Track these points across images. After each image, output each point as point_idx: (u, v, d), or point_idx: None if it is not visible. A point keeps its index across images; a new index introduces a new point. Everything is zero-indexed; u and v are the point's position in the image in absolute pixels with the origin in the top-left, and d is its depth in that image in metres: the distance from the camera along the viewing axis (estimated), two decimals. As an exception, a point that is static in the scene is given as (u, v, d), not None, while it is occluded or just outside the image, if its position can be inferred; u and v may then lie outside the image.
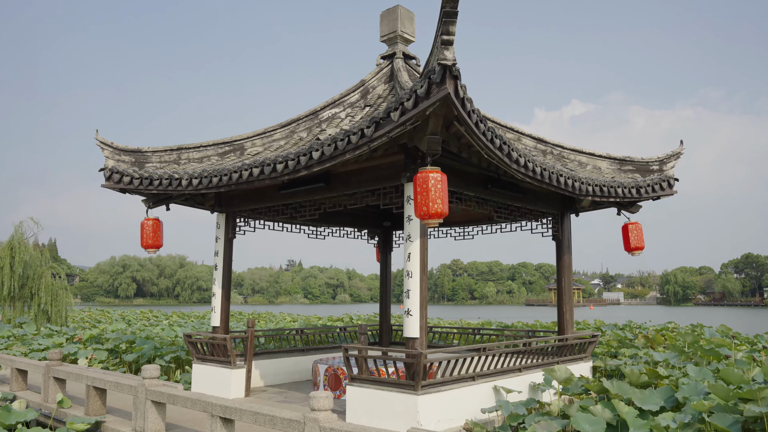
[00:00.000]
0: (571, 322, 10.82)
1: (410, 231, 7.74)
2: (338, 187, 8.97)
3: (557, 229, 10.98)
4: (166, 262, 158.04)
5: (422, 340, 7.50)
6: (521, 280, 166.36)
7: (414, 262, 7.65)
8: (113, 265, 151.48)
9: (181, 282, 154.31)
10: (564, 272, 11.00)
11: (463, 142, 7.25)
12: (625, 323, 19.18)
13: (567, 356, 10.30)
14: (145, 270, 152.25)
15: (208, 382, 10.18)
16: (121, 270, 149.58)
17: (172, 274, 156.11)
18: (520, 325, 20.93)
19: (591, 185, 9.64)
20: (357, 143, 7.16)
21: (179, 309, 62.74)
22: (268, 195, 10.07)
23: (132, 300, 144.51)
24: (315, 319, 34.64)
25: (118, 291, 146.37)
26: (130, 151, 10.63)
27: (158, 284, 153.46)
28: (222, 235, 10.73)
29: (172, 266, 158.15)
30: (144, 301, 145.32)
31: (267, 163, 8.41)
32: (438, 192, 6.53)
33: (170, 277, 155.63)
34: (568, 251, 11.10)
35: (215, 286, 10.71)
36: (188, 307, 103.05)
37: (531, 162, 8.10)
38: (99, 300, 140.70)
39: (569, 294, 10.93)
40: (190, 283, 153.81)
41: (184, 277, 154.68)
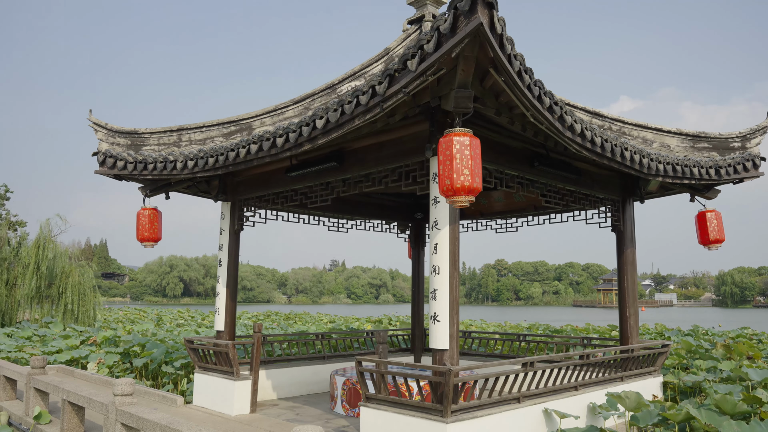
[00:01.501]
0: (636, 328, 9.06)
1: (437, 216, 6.22)
2: (353, 166, 7.52)
3: (618, 218, 9.24)
4: (212, 262, 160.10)
5: (453, 353, 5.97)
6: (568, 280, 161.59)
7: (442, 254, 6.13)
8: (161, 265, 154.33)
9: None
10: (626, 269, 9.25)
11: (502, 101, 5.68)
12: (691, 328, 17.11)
13: (632, 370, 8.56)
14: (191, 270, 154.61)
15: (210, 395, 8.88)
16: (169, 270, 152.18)
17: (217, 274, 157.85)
18: (569, 329, 19.03)
19: (662, 163, 7.91)
20: (367, 104, 5.68)
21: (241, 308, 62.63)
22: (276, 179, 8.70)
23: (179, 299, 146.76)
24: (353, 320, 33.33)
25: (166, 290, 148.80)
26: (126, 132, 9.42)
27: (204, 284, 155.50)
28: (227, 227, 9.42)
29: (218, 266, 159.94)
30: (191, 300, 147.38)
31: (266, 137, 7.02)
32: (466, 160, 4.98)
33: (215, 276, 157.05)
34: (632, 245, 9.35)
35: (219, 284, 9.40)
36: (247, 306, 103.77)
37: (589, 130, 6.46)
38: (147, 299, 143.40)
39: (633, 295, 9.18)
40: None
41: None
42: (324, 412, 8.56)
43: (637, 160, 7.36)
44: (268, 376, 9.71)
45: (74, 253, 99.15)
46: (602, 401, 7.57)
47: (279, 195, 8.72)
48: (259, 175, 9.03)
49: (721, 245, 9.29)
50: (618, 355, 8.12)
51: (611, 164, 7.13)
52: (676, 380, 9.02)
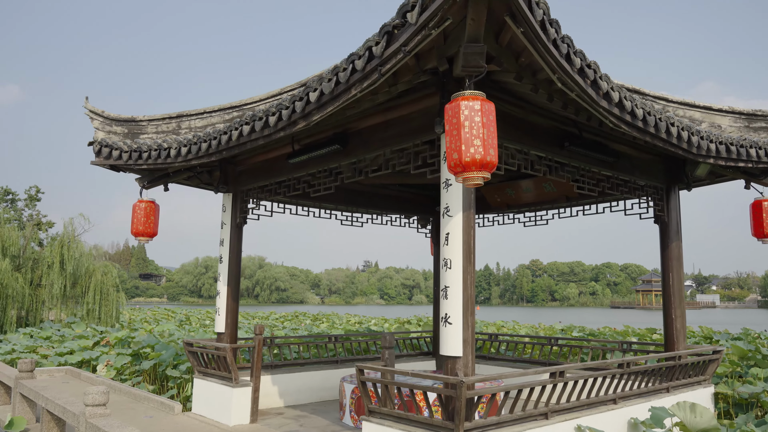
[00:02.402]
0: (683, 332, 8.01)
1: (448, 201, 5.35)
2: (357, 149, 6.70)
3: (661, 207, 8.20)
4: (246, 263, 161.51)
5: (467, 361, 5.09)
6: (605, 281, 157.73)
7: (454, 246, 5.25)
8: (196, 266, 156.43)
9: (260, 282, 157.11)
10: (671, 265, 8.21)
11: (523, 63, 4.79)
12: (741, 331, 15.76)
13: (680, 380, 7.52)
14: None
15: (209, 402, 8.16)
16: (204, 270, 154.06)
17: (252, 274, 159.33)
18: (607, 331, 17.83)
19: (714, 142, 6.87)
20: (364, 69, 4.85)
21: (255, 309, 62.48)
22: (278, 168, 7.94)
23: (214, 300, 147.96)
24: (382, 321, 32.52)
25: (202, 291, 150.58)
26: (123, 120, 8.80)
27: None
28: (228, 220, 8.70)
29: (252, 267, 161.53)
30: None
31: (258, 117, 6.26)
32: (476, 128, 4.10)
33: (250, 277, 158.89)
34: (677, 238, 8.29)
35: (220, 282, 8.69)
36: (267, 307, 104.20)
37: (629, 100, 5.50)
38: (184, 300, 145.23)
39: (680, 295, 8.13)
40: (269, 283, 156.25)
41: (263, 278, 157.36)
42: (331, 423, 7.76)
43: (686, 138, 6.35)
44: (275, 381, 8.97)
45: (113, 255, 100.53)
46: (645, 416, 6.58)
47: (281, 184, 7.95)
48: (261, 164, 8.29)
49: (779, 238, 8.18)
50: (663, 363, 7.09)
51: (655, 142, 6.15)
52: (729, 391, 7.94)
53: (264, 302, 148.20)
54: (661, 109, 8.18)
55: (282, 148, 7.74)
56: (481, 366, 10.40)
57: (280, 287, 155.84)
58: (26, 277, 22.12)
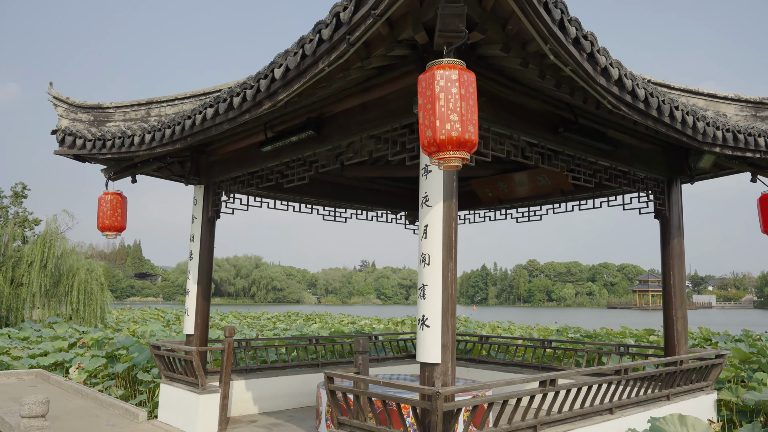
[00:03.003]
0: (685, 335, 7.46)
1: (427, 190, 4.80)
2: (333, 135, 6.14)
3: (662, 201, 7.66)
4: (243, 263, 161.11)
5: (446, 369, 4.54)
6: (602, 281, 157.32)
7: (433, 239, 4.70)
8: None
9: (256, 282, 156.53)
10: (672, 263, 7.66)
11: (511, 30, 4.24)
12: (741, 333, 15.26)
13: (681, 386, 6.98)
14: (222, 270, 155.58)
15: (175, 410, 7.59)
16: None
17: (248, 274, 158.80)
18: (604, 332, 17.30)
19: (721, 129, 6.33)
20: (331, 39, 4.29)
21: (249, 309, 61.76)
22: (251, 157, 7.38)
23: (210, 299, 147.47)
24: (375, 321, 31.97)
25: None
26: (89, 107, 8.23)
27: (235, 284, 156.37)
28: (200, 214, 8.12)
29: (248, 266, 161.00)
30: (221, 300, 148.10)
31: (222, 98, 5.70)
32: (453, 101, 3.55)
33: (246, 277, 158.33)
34: (679, 234, 7.75)
35: (189, 280, 8.11)
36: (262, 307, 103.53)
37: (630, 78, 4.95)
38: (179, 299, 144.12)
39: (681, 294, 7.58)
40: (265, 283, 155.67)
41: (259, 278, 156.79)
42: (307, 432, 7.21)
43: (691, 123, 5.80)
44: (250, 386, 8.40)
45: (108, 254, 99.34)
46: (644, 427, 6.04)
47: (254, 175, 7.38)
48: (234, 154, 7.73)
49: (787, 234, 7.66)
50: (664, 369, 6.54)
51: (657, 127, 5.60)
52: (733, 398, 7.40)
53: (260, 302, 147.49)
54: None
55: (255, 136, 7.18)
56: (471, 370, 9.86)
57: (277, 287, 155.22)
58: (6, 276, 21.47)
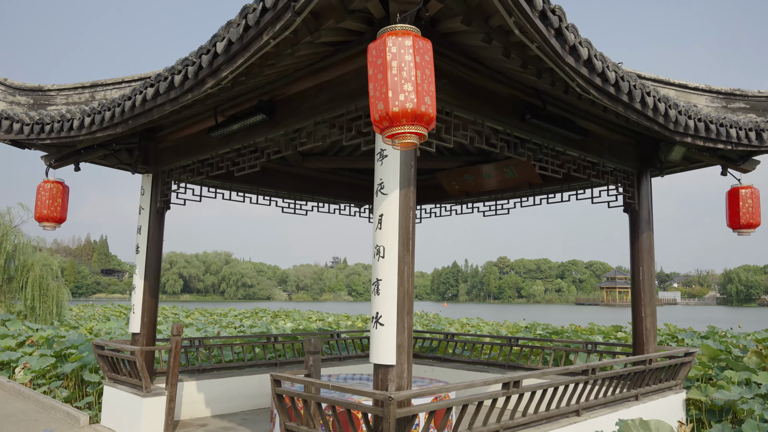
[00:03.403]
0: (654, 332, 7.24)
1: (383, 176, 4.42)
2: (285, 119, 5.71)
3: (632, 194, 7.41)
4: (212, 259, 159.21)
5: (401, 371, 4.17)
6: (571, 278, 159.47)
7: (388, 230, 4.33)
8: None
9: (226, 279, 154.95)
10: (642, 258, 7.43)
11: (472, 2, 3.88)
12: (707, 329, 15.27)
13: (650, 386, 6.74)
14: (191, 266, 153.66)
15: (119, 414, 7.09)
16: (168, 266, 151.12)
17: (218, 270, 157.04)
18: (571, 329, 17.18)
19: (693, 118, 6.09)
20: (275, 7, 3.87)
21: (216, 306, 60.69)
22: (201, 143, 6.90)
23: (179, 296, 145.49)
24: (343, 318, 31.53)
25: (166, 287, 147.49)
26: (29, 90, 7.66)
27: (204, 281, 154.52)
28: (147, 205, 7.61)
29: (218, 263, 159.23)
30: (190, 297, 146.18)
31: (163, 77, 5.23)
32: (407, 69, 3.17)
33: (216, 273, 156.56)
34: (648, 228, 7.52)
35: (136, 276, 7.60)
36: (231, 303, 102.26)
37: (600, 59, 4.64)
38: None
39: (650, 291, 7.36)
40: (235, 279, 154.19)
41: (229, 274, 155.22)
42: (259, 437, 6.78)
43: (662, 110, 5.53)
44: (201, 388, 7.94)
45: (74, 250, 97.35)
46: (612, 429, 5.77)
47: (204, 162, 6.90)
48: (184, 140, 7.24)
49: (754, 230, 7.49)
50: (633, 368, 6.28)
51: (628, 114, 5.30)
52: (703, 397, 7.20)
53: (230, 299, 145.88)
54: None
55: (205, 122, 6.71)
56: (436, 369, 9.53)
57: (247, 283, 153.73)
58: (-45, 272, 20.51)
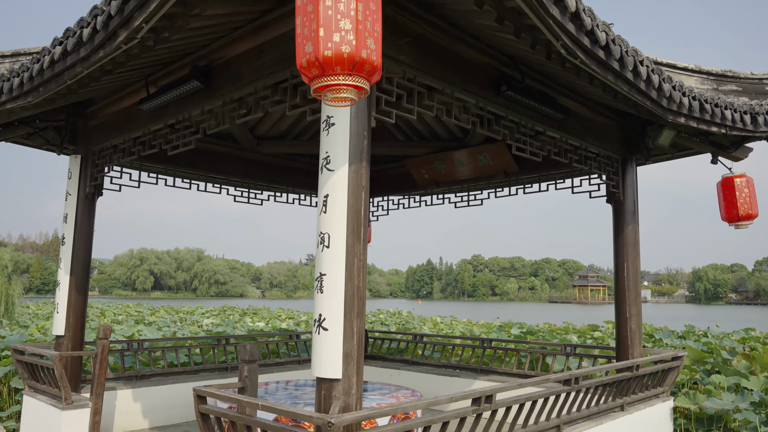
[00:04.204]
0: (639, 334, 6.59)
1: (329, 148, 3.64)
2: (224, 86, 4.90)
3: (616, 183, 6.75)
4: (184, 256, 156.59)
5: (349, 386, 3.40)
6: (544, 276, 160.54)
7: (335, 214, 3.55)
8: (131, 257, 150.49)
9: (198, 275, 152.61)
10: (626, 253, 6.76)
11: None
12: (686, 329, 14.80)
13: (636, 394, 6.08)
14: (162, 263, 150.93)
15: (38, 427, 6.20)
16: (139, 263, 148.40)
17: (190, 267, 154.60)
18: (546, 328, 16.61)
19: (688, 96, 5.43)
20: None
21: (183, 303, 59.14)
22: (132, 119, 6.04)
23: (149, 293, 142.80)
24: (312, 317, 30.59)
25: (136, 284, 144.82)
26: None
27: (176, 277, 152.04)
28: (75, 190, 6.71)
29: (190, 259, 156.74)
30: (161, 294, 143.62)
31: (72, 32, 4.38)
32: (346, 2, 2.39)
33: (188, 270, 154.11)
34: (633, 220, 6.87)
35: (61, 270, 6.69)
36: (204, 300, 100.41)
37: (589, 15, 3.92)
38: (116, 293, 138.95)
39: (636, 289, 6.70)
40: (207, 276, 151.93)
41: (201, 271, 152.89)
42: (198, 454, 5.95)
43: (656, 83, 4.85)
44: (138, 396, 7.07)
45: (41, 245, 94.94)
46: (596, 445, 5.08)
47: (136, 141, 6.03)
48: (114, 116, 6.36)
49: (752, 222, 6.88)
50: (619, 375, 5.60)
51: (618, 85, 4.60)
52: (692, 406, 6.58)
53: (202, 296, 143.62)
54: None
55: (137, 93, 5.85)
56: (404, 373, 8.80)
57: (220, 280, 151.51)
58: None
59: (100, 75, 4.88)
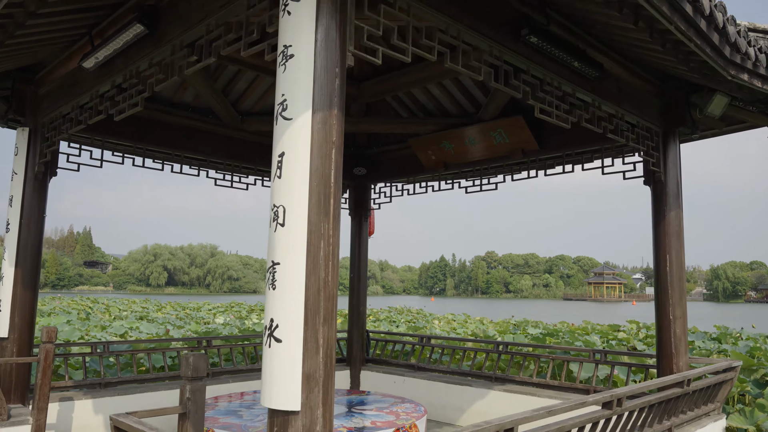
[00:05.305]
0: (684, 340, 5.51)
1: (286, 89, 2.63)
2: (171, 30, 3.91)
3: (656, 160, 5.65)
4: (198, 252, 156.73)
5: (313, 421, 2.40)
6: (558, 273, 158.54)
7: (293, 178, 2.54)
8: (145, 253, 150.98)
9: (212, 271, 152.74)
10: (669, 244, 5.67)
11: None
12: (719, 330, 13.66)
13: (685, 413, 5.02)
14: (176, 259, 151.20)
15: (-28, 447, 5.29)
16: (153, 259, 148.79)
17: (203, 263, 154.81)
18: (565, 327, 15.52)
19: (754, 46, 4.35)
20: None
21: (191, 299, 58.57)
22: (79, 81, 5.07)
23: (163, 289, 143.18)
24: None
25: (150, 279, 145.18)
26: None
27: (189, 273, 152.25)
28: (21, 168, 5.75)
29: (203, 255, 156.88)
30: (175, 290, 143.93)
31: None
32: None
33: (201, 266, 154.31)
34: (677, 205, 5.77)
35: (5, 262, 5.74)
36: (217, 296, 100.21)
37: None
38: (131, 289, 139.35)
39: (681, 286, 5.62)
40: (220, 272, 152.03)
41: (214, 267, 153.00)
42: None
43: (720, 21, 3.78)
44: (100, 408, 6.14)
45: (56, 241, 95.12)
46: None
47: (84, 108, 5.06)
48: (62, 80, 5.41)
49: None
50: (667, 393, 4.53)
51: (673, 21, 3.54)
52: (749, 425, 5.50)
53: (215, 292, 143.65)
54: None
55: (82, 51, 4.89)
56: (408, 380, 7.81)
57: (233, 276, 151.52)
58: None
59: (53, 32, 3.90)
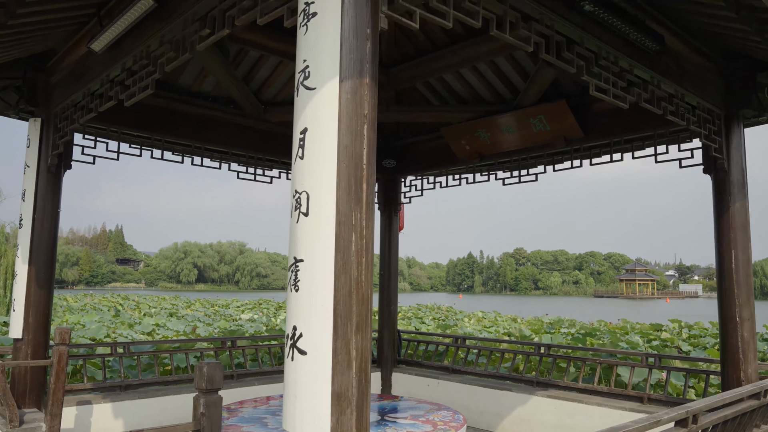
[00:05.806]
0: (754, 346, 4.96)
1: (308, 54, 2.20)
2: (182, 3, 3.53)
3: (719, 146, 5.10)
4: (227, 249, 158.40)
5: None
6: (588, 270, 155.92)
7: (319, 160, 2.12)
8: (175, 251, 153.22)
9: (240, 268, 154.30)
10: (734, 239, 5.11)
11: None
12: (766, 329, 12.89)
13: (758, 428, 4.48)
14: (205, 256, 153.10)
15: (-16, 455, 5.02)
16: (183, 256, 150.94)
17: (232, 260, 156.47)
18: (603, 327, 14.86)
19: None
20: None
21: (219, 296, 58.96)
22: (88, 66, 4.75)
23: (193, 285, 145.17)
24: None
25: (180, 276, 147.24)
26: None
27: (219, 270, 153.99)
28: (34, 161, 5.46)
29: (232, 253, 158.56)
30: (205, 287, 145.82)
31: None
32: None
33: (230, 263, 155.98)
34: (742, 195, 5.20)
35: (19, 260, 5.46)
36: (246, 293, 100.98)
37: None
38: (162, 285, 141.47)
39: (748, 285, 5.07)
40: (249, 269, 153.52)
41: (243, 264, 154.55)
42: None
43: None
44: (119, 412, 5.85)
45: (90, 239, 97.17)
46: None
47: (94, 95, 4.72)
48: (74, 66, 5.08)
49: None
50: (744, 406, 4.00)
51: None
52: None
53: (244, 288, 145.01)
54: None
55: (90, 33, 4.55)
56: (442, 383, 7.37)
57: (261, 273, 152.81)
58: None
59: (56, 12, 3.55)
